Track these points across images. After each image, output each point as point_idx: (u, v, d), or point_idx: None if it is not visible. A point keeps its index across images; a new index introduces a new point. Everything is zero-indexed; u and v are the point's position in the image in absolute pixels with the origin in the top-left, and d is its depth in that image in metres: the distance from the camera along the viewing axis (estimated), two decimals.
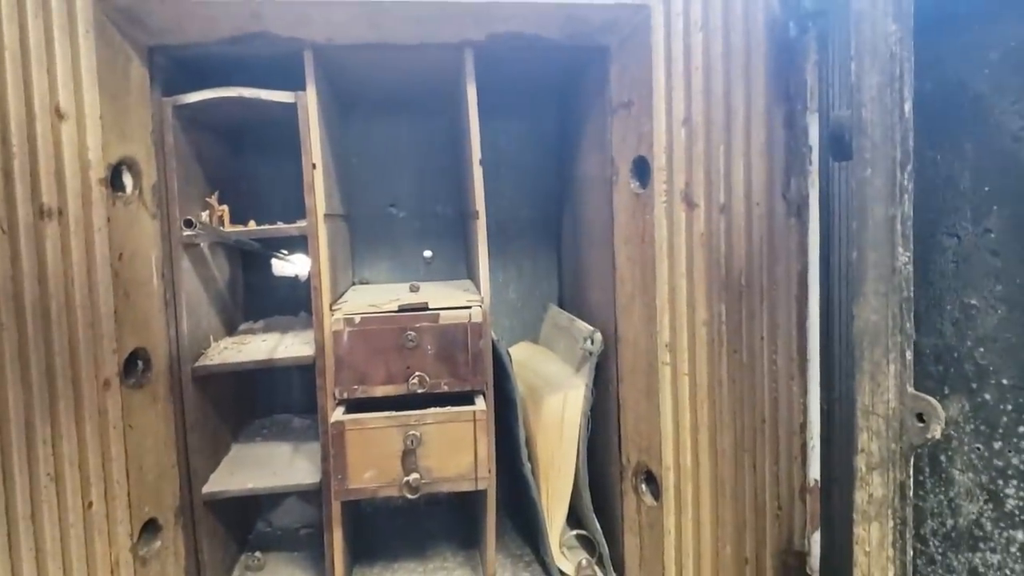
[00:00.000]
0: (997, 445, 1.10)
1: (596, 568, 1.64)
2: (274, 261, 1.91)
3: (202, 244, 1.60)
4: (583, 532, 1.73)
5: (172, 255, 1.47)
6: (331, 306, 1.50)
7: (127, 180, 1.34)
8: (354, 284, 2.05)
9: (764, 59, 1.22)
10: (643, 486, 1.49)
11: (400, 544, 1.86)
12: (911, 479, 0.99)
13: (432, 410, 1.44)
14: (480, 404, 1.47)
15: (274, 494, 1.58)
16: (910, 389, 0.96)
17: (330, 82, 1.68)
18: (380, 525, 1.97)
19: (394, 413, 1.43)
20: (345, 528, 1.55)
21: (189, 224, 1.36)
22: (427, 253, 2.14)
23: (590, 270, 1.80)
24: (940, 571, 1.17)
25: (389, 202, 2.12)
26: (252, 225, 1.66)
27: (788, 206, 1.23)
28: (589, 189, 1.77)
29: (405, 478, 1.42)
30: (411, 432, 1.42)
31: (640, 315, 1.45)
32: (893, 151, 0.94)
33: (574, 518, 1.77)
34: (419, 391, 1.47)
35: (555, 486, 1.64)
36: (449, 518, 2.00)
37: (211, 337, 1.67)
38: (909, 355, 0.96)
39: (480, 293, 1.55)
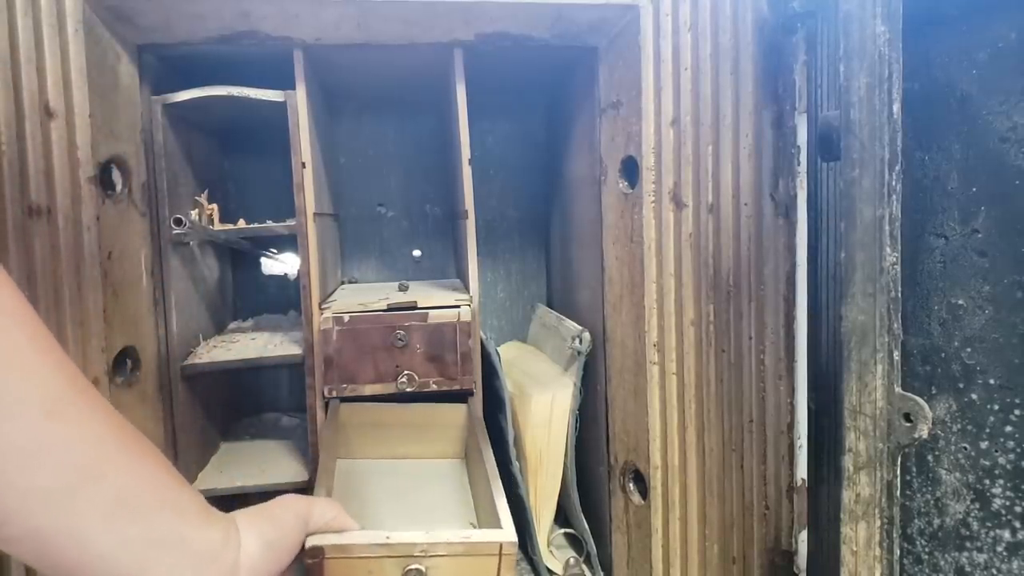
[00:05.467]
0: (984, 445, 1.10)
1: (584, 567, 1.64)
2: (263, 260, 1.91)
3: (192, 243, 1.59)
4: (571, 531, 1.73)
5: (161, 254, 1.47)
6: (320, 305, 1.50)
7: (116, 179, 1.33)
8: (343, 283, 2.05)
9: (753, 60, 1.23)
10: (631, 485, 1.49)
11: None
12: (898, 479, 0.99)
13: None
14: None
15: (263, 492, 1.58)
16: (897, 389, 0.97)
17: (319, 81, 1.68)
18: None
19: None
20: None
21: (179, 223, 1.36)
22: (416, 252, 2.14)
23: (579, 270, 1.80)
24: (927, 570, 1.17)
25: (378, 201, 2.12)
26: (242, 224, 1.66)
27: (776, 206, 1.24)
28: (578, 189, 1.77)
29: None
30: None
31: (628, 315, 1.45)
32: (881, 152, 0.94)
33: (562, 517, 1.77)
34: (408, 390, 1.47)
35: (543, 485, 1.64)
36: None
37: (200, 336, 1.67)
38: (897, 355, 0.97)
39: (469, 292, 1.55)
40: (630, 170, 1.44)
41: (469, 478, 1.45)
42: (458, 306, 1.51)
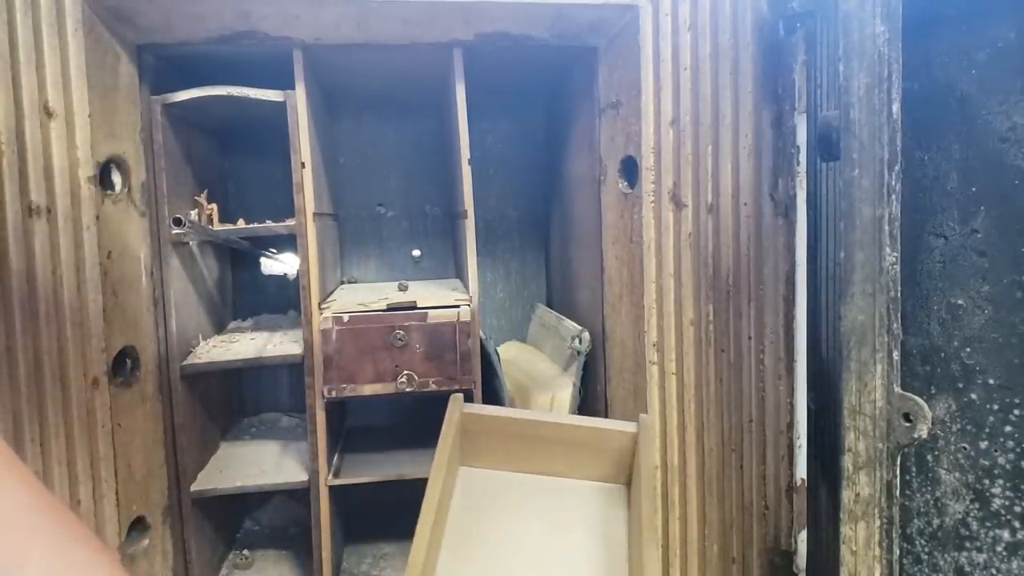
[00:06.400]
0: (983, 445, 1.10)
1: None
2: (263, 260, 1.91)
3: (191, 243, 1.60)
4: None
5: (161, 254, 1.47)
6: (320, 304, 1.50)
7: (116, 179, 1.33)
8: (343, 283, 2.05)
9: (752, 60, 1.23)
10: None
11: (389, 534, 1.87)
12: (898, 478, 0.99)
13: None
14: None
15: (262, 492, 1.58)
16: (897, 389, 0.97)
17: (319, 81, 1.68)
18: (366, 522, 1.96)
19: None
20: (333, 525, 1.55)
21: (178, 222, 1.36)
22: (415, 252, 2.14)
23: (578, 270, 1.80)
24: (926, 570, 1.17)
25: (377, 201, 2.12)
26: (241, 224, 1.66)
27: (776, 206, 1.24)
28: (577, 189, 1.77)
29: None
30: None
31: (628, 315, 1.45)
32: (881, 151, 0.94)
33: None
34: (407, 390, 1.47)
35: None
36: None
37: (200, 336, 1.67)
38: (896, 355, 0.97)
39: (468, 292, 1.55)
40: (629, 170, 1.44)
41: (629, 531, 1.21)
42: (458, 306, 1.51)
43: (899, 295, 0.96)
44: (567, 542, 1.19)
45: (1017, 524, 1.08)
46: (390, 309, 1.49)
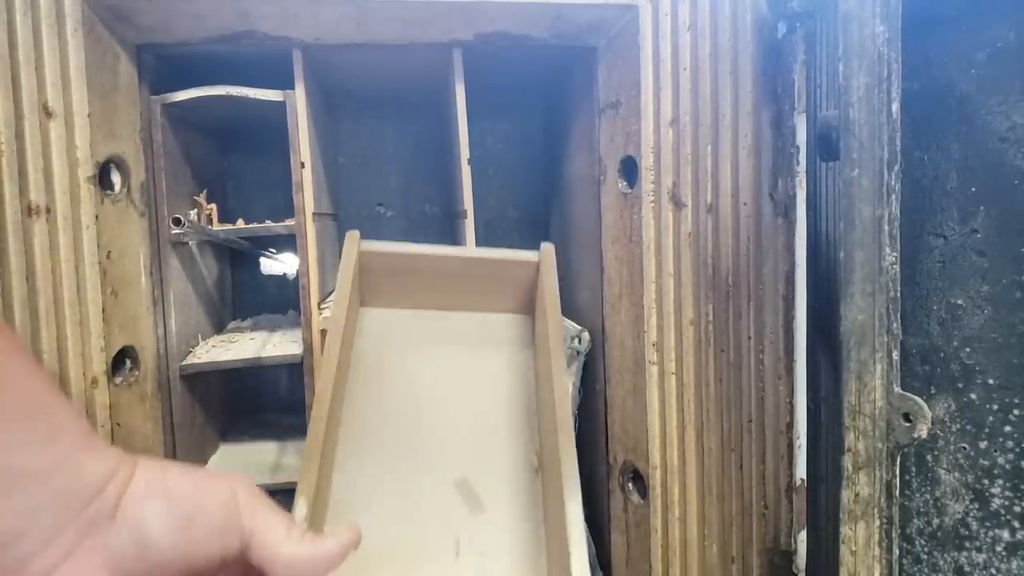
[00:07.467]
0: (983, 445, 1.10)
1: None
2: (262, 260, 1.91)
3: (190, 242, 1.59)
4: None
5: (160, 253, 1.47)
6: (319, 304, 1.50)
7: (115, 178, 1.33)
8: None
9: (752, 60, 1.23)
10: (630, 485, 1.49)
11: None
12: (897, 479, 0.99)
13: None
14: None
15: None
16: (897, 389, 0.97)
17: (318, 81, 1.68)
18: None
19: None
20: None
21: (178, 222, 1.36)
22: None
23: (578, 270, 1.80)
24: (926, 570, 1.17)
25: (377, 201, 2.12)
26: (241, 224, 1.66)
27: (775, 206, 1.24)
28: (576, 189, 1.77)
29: None
30: None
31: (628, 315, 1.45)
32: (880, 151, 0.94)
33: None
34: None
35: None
36: None
37: (199, 335, 1.67)
38: (896, 355, 0.97)
39: None
40: (629, 170, 1.44)
41: (537, 373, 1.22)
42: None
43: (899, 295, 0.96)
44: (475, 372, 1.21)
45: (1017, 524, 1.09)
46: None
